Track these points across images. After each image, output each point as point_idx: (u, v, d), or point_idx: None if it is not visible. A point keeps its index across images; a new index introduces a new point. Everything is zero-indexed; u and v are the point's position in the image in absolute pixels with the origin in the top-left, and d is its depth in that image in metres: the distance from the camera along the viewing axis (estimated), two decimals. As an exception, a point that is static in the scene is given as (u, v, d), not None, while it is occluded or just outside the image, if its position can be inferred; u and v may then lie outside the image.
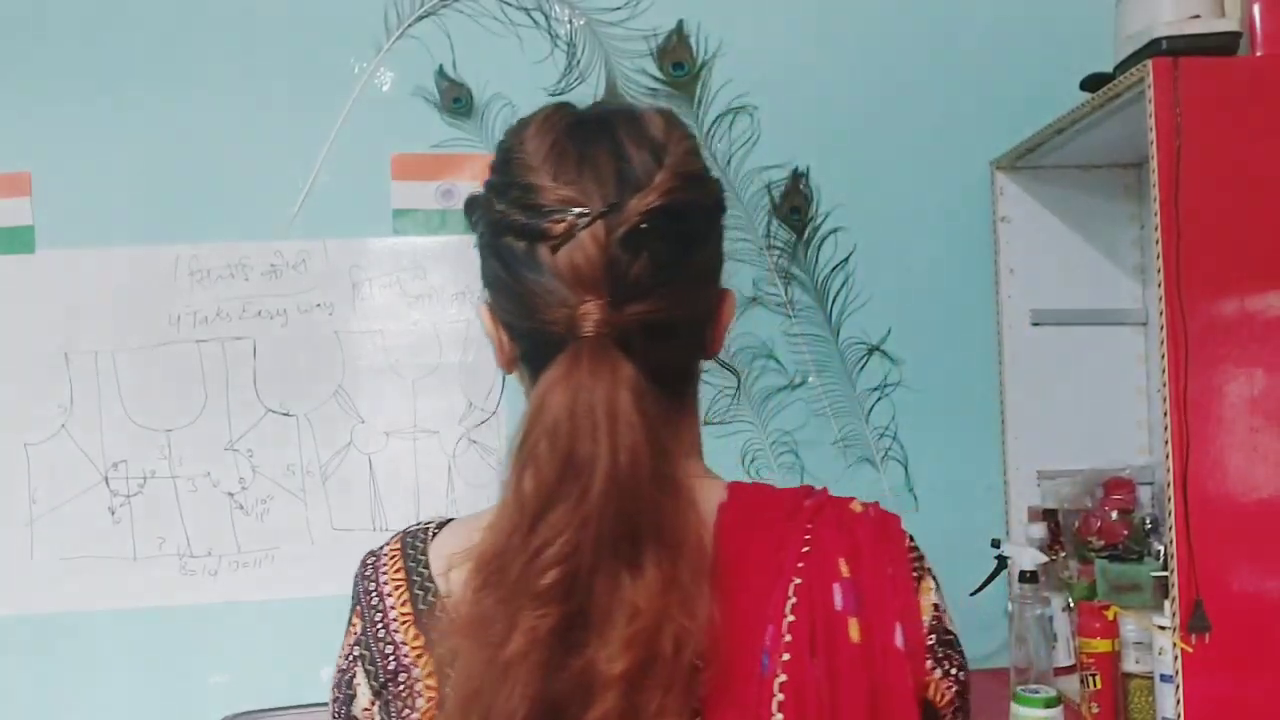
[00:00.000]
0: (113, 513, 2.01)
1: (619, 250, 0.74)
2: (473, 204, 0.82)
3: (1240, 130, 1.47)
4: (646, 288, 0.75)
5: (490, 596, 0.71)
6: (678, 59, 2.10)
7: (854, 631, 0.75)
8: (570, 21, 2.10)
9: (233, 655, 2.01)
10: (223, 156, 2.05)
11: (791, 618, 0.74)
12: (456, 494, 2.06)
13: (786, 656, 0.73)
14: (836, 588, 0.76)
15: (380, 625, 0.81)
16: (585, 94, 2.08)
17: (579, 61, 2.09)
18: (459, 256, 2.07)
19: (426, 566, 0.81)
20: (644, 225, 0.74)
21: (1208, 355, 1.43)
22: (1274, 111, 1.48)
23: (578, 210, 0.74)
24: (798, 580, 0.76)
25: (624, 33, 2.10)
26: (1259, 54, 1.54)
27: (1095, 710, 1.69)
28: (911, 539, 0.82)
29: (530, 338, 0.79)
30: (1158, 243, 1.45)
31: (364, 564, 0.86)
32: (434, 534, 0.84)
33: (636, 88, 2.10)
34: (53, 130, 2.03)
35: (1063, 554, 1.92)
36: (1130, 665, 1.67)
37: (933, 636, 0.79)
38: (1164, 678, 1.52)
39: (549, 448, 0.72)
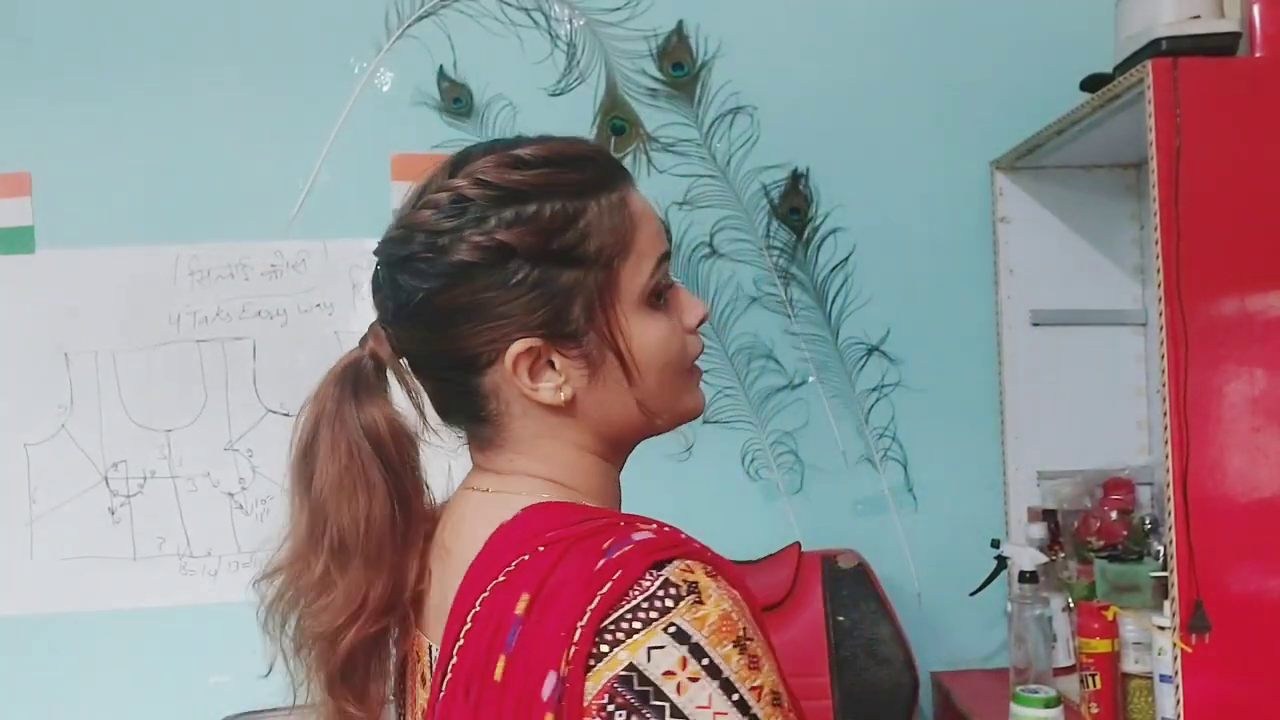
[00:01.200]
0: (112, 513, 2.01)
1: (387, 286, 1.00)
2: None
3: (1240, 130, 1.47)
4: (398, 317, 1.01)
5: None
6: (677, 59, 2.10)
7: (498, 671, 0.71)
8: (570, 22, 2.10)
9: (233, 655, 2.00)
10: (223, 157, 2.05)
11: (461, 644, 0.75)
12: (456, 494, 2.05)
13: (443, 691, 0.76)
14: (513, 625, 0.72)
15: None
16: (585, 94, 2.09)
17: (579, 62, 2.10)
18: (459, 257, 2.07)
19: None
20: (379, 270, 1.01)
21: (1207, 355, 1.43)
22: (1274, 112, 1.48)
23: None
24: (476, 609, 0.75)
25: (624, 33, 2.10)
26: (1259, 54, 1.54)
27: (1095, 710, 1.69)
28: (670, 590, 0.70)
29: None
30: (1157, 243, 1.45)
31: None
32: None
33: (636, 88, 2.10)
34: (53, 130, 2.03)
35: (1062, 554, 1.93)
36: (1130, 665, 1.67)
37: (617, 697, 0.68)
38: (1163, 678, 1.52)
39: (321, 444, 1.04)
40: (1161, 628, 1.51)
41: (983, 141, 2.07)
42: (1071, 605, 1.84)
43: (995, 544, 1.93)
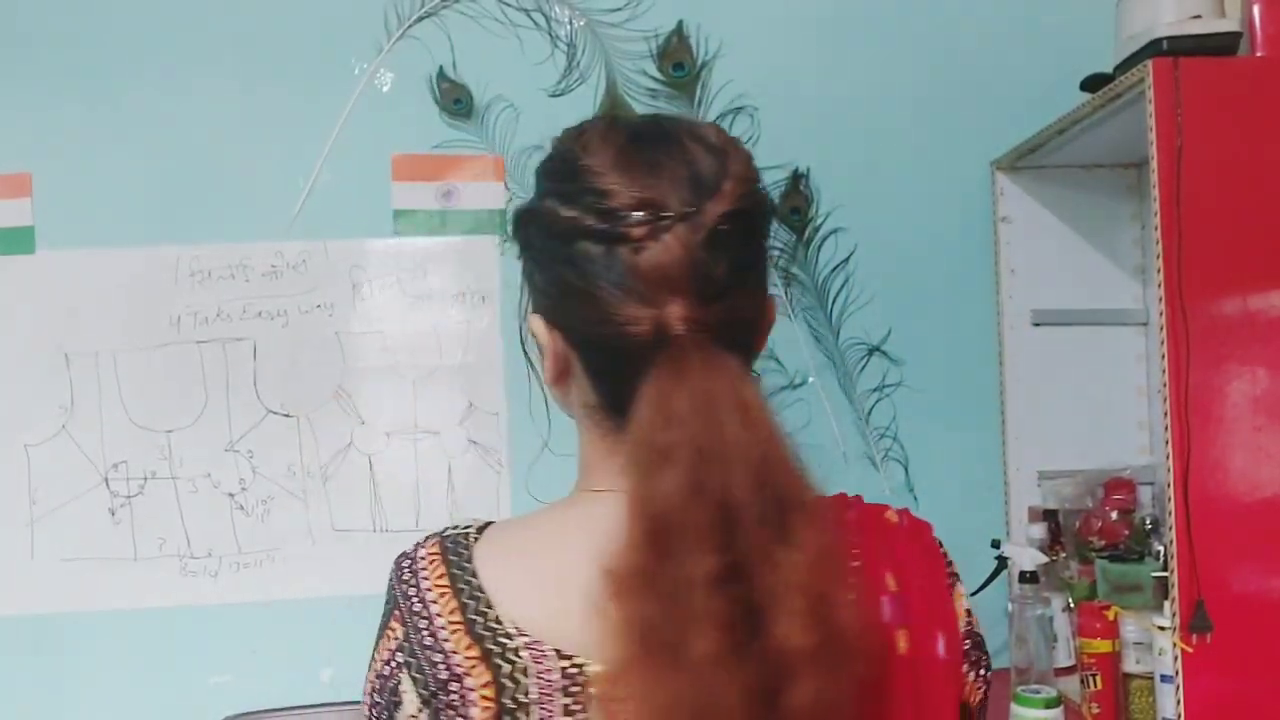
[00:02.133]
0: (113, 513, 2.01)
1: (702, 252, 0.75)
2: (530, 214, 0.82)
3: (1241, 130, 1.47)
4: (725, 289, 0.76)
5: (644, 602, 0.70)
6: (678, 60, 2.10)
7: (902, 643, 0.79)
8: (570, 22, 2.10)
9: (233, 655, 2.01)
10: (223, 157, 2.05)
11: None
12: (457, 495, 2.06)
13: None
14: (885, 600, 0.80)
15: (426, 632, 0.79)
16: (586, 95, 2.09)
17: (579, 62, 2.10)
18: (459, 257, 2.07)
19: (474, 574, 0.80)
20: (723, 228, 0.76)
21: (1208, 355, 1.43)
22: (1274, 112, 1.48)
23: (660, 213, 0.75)
24: (850, 596, 0.76)
25: (624, 34, 2.10)
26: (1259, 54, 1.54)
27: (1095, 710, 1.69)
28: (942, 546, 0.86)
29: (601, 344, 0.78)
30: (1158, 243, 1.45)
31: (399, 567, 0.84)
32: (475, 538, 0.83)
33: (637, 88, 2.10)
34: (53, 131, 2.03)
35: (1063, 554, 1.92)
36: (1131, 665, 1.67)
37: (968, 641, 0.84)
38: (1164, 678, 1.51)
39: (686, 443, 0.72)
40: (1162, 628, 1.51)
41: (983, 141, 2.07)
42: (1072, 605, 1.84)
43: (996, 544, 1.93)
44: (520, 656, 0.76)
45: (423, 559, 0.82)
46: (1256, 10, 1.54)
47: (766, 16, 2.11)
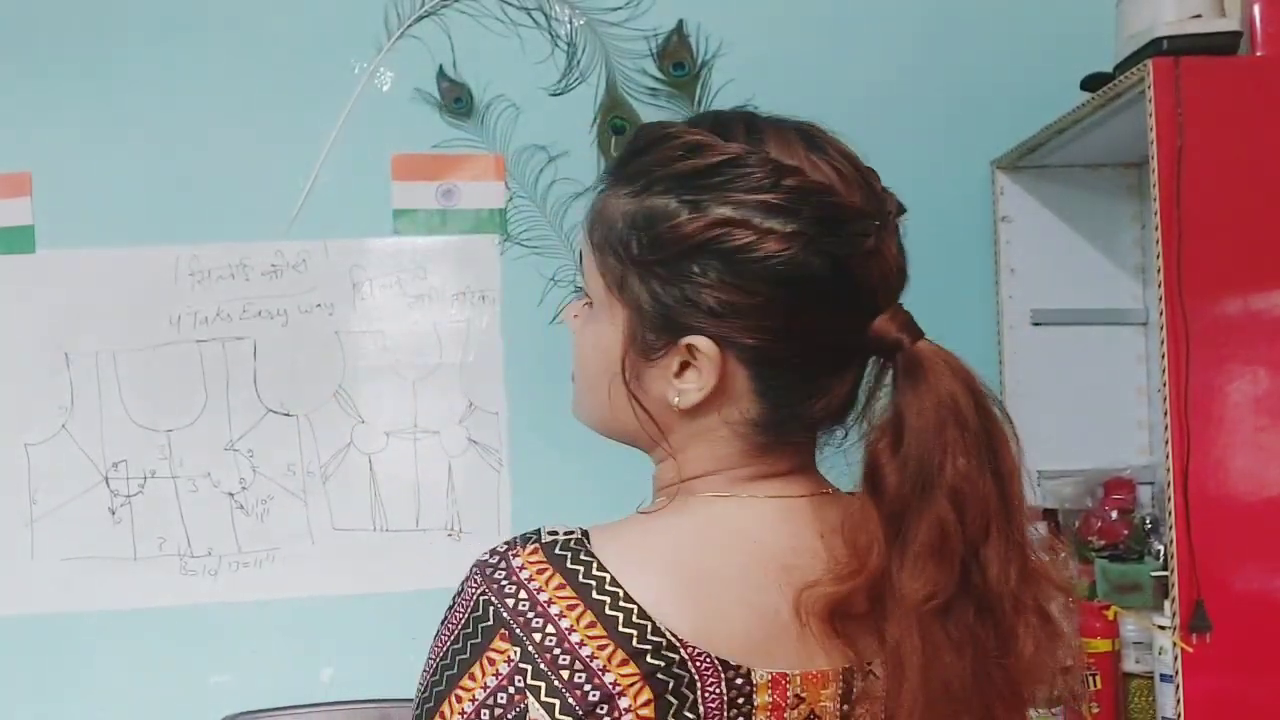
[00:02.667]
0: (113, 513, 2.01)
1: (901, 256, 0.77)
2: (699, 229, 0.74)
3: (1241, 130, 1.47)
4: (901, 291, 0.79)
5: (934, 598, 0.71)
6: (678, 59, 2.10)
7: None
8: (571, 21, 2.10)
9: (233, 655, 2.01)
10: (223, 157, 2.05)
11: None
12: (457, 494, 2.06)
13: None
14: None
15: (559, 650, 0.69)
16: (586, 94, 2.09)
17: (579, 62, 2.09)
18: (459, 257, 2.07)
19: (614, 583, 0.71)
20: (900, 230, 0.77)
21: (1208, 355, 1.43)
22: (1275, 111, 1.48)
23: (875, 221, 0.75)
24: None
25: (624, 33, 2.09)
26: (1259, 54, 1.54)
27: (1095, 710, 1.69)
28: None
29: (795, 359, 0.76)
30: (1158, 242, 1.45)
31: (492, 579, 0.73)
32: (589, 545, 0.74)
33: (637, 88, 2.09)
34: (53, 130, 2.03)
35: (1063, 554, 1.92)
36: (1130, 665, 1.67)
37: None
38: (1164, 678, 1.52)
39: (965, 438, 0.73)
40: (1162, 627, 1.51)
41: (984, 141, 2.07)
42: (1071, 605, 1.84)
43: (996, 544, 1.93)
44: (687, 670, 0.69)
45: (524, 568, 0.73)
46: (1257, 10, 1.54)
47: (766, 16, 2.11)
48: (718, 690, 0.70)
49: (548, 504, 2.04)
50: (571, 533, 0.75)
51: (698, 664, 0.70)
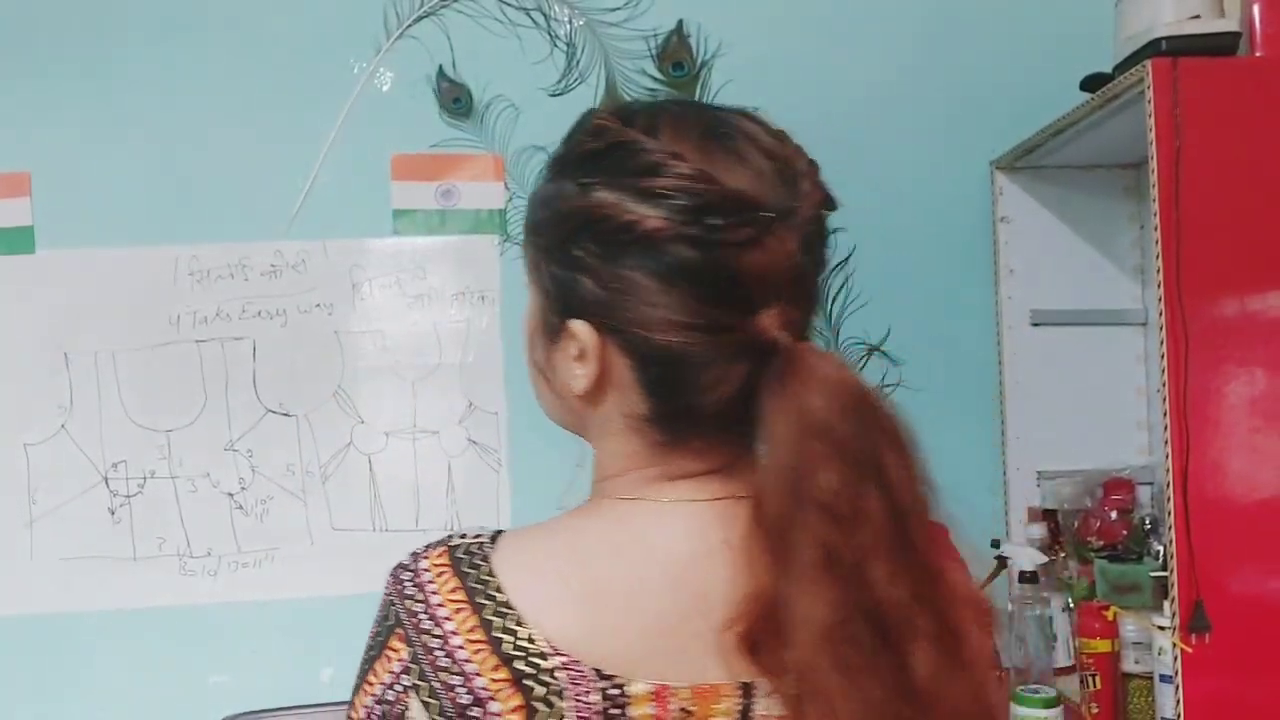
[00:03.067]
0: (112, 513, 2.01)
1: (800, 254, 0.73)
2: (571, 208, 0.75)
3: (1240, 130, 1.47)
4: (808, 293, 0.75)
5: (834, 619, 0.67)
6: (677, 59, 2.10)
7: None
8: (570, 22, 2.10)
9: (233, 655, 2.01)
10: (223, 157, 2.05)
11: None
12: (456, 494, 2.06)
13: None
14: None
15: (440, 652, 0.71)
16: (585, 94, 2.09)
17: (579, 62, 2.09)
18: (459, 257, 2.07)
19: (498, 588, 0.72)
20: (812, 229, 0.74)
21: (1208, 355, 1.43)
22: (1274, 112, 1.48)
23: (761, 213, 0.71)
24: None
25: (624, 33, 2.10)
26: (1259, 54, 1.54)
27: (1095, 710, 1.69)
28: None
29: (670, 352, 0.73)
30: (1157, 243, 1.45)
31: (398, 580, 0.75)
32: (489, 548, 0.75)
33: (636, 88, 2.09)
34: (53, 130, 2.03)
35: (1062, 554, 1.92)
36: (1130, 665, 1.67)
37: None
38: (1164, 678, 1.52)
39: (832, 451, 0.69)
40: (1161, 628, 1.51)
41: (983, 141, 2.07)
42: (1071, 605, 1.84)
43: (995, 544, 1.93)
44: (555, 678, 0.70)
45: (427, 570, 0.74)
46: (1256, 10, 1.54)
47: (766, 16, 2.11)
48: (589, 700, 0.70)
49: (547, 504, 2.03)
50: (480, 536, 0.77)
51: (569, 672, 0.70)
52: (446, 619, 0.72)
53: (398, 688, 0.72)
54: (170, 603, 2.01)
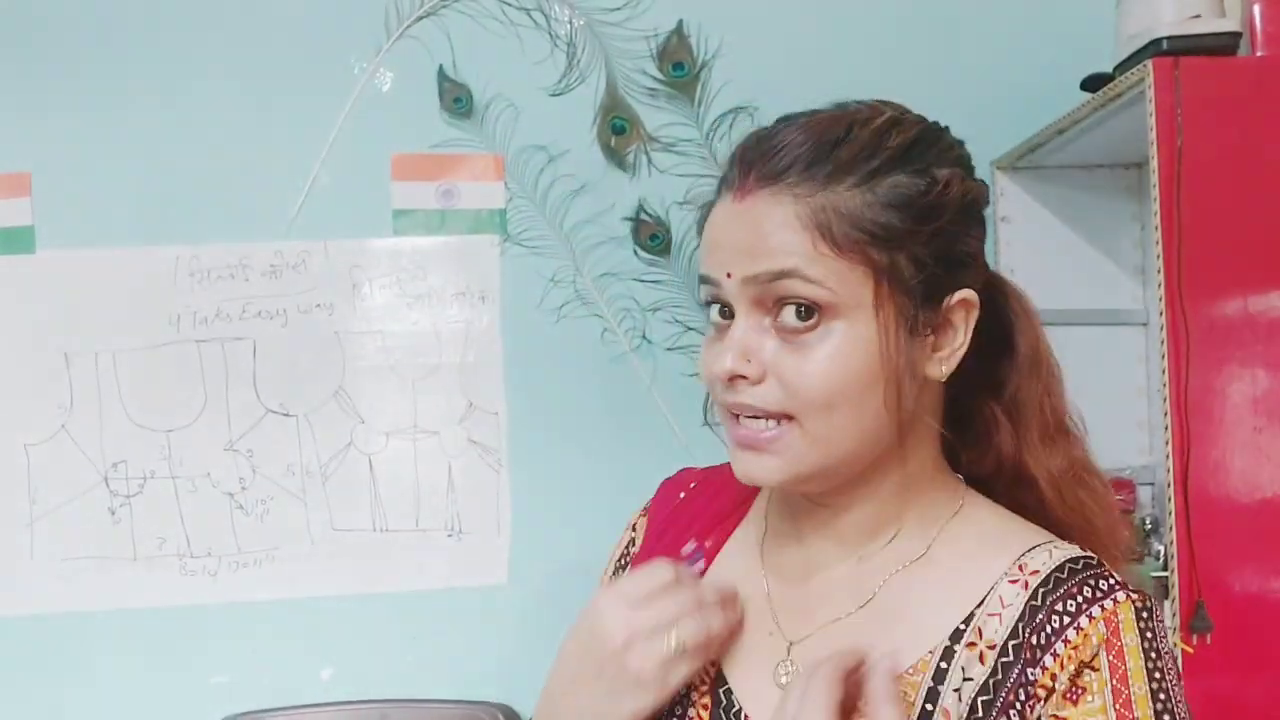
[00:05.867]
0: (113, 513, 2.01)
1: None
2: (967, 194, 0.82)
3: (1241, 130, 1.47)
4: None
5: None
6: (678, 59, 2.09)
7: None
8: (570, 22, 2.10)
9: (233, 655, 2.01)
10: (223, 157, 2.04)
11: None
12: (456, 494, 2.05)
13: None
14: None
15: None
16: (586, 94, 2.09)
17: (579, 62, 2.09)
18: (459, 257, 2.07)
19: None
20: None
21: (1208, 355, 1.43)
22: (1274, 112, 1.48)
23: None
24: None
25: (624, 33, 2.09)
26: (1259, 54, 1.54)
27: (1096, 711, 1.69)
28: None
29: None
30: (1158, 243, 1.45)
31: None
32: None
33: (637, 88, 2.09)
34: (53, 130, 2.03)
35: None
36: (1131, 666, 1.67)
37: None
38: (1164, 678, 1.51)
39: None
40: (1162, 628, 1.51)
41: (983, 141, 2.04)
42: (1072, 605, 1.84)
43: (996, 544, 1.93)
44: None
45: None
46: (1256, 10, 1.54)
47: (766, 16, 2.11)
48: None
49: (548, 504, 2.04)
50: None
51: None
52: None
53: None
54: (170, 603, 2.01)
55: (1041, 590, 0.77)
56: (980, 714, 0.74)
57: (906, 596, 0.80)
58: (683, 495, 0.97)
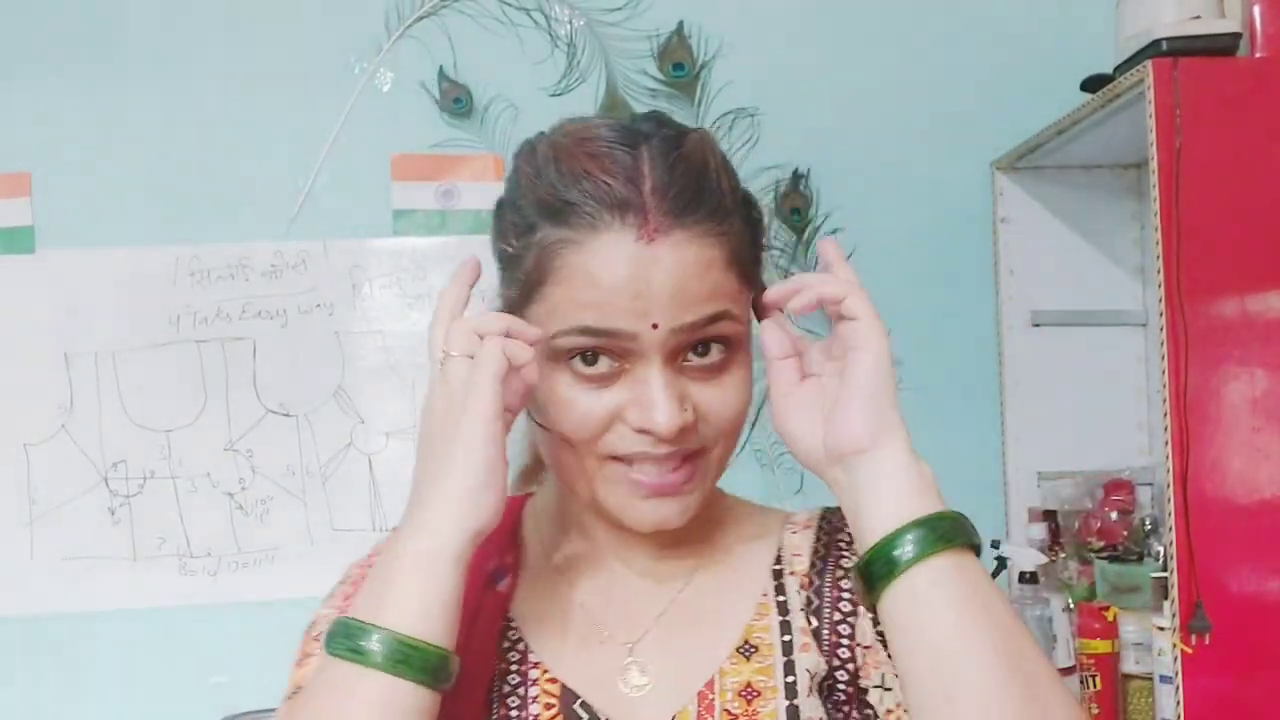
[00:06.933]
0: (112, 513, 2.01)
1: None
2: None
3: (1240, 131, 1.47)
4: None
5: None
6: (678, 60, 2.09)
7: None
8: (570, 22, 2.10)
9: (233, 655, 2.01)
10: (223, 157, 2.04)
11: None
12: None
13: None
14: None
15: None
16: (586, 95, 2.09)
17: (579, 62, 2.09)
18: (459, 257, 2.05)
19: None
20: None
21: (1207, 356, 1.43)
22: (1274, 112, 1.48)
23: None
24: None
25: (624, 33, 2.09)
26: (1259, 55, 1.54)
27: (1095, 711, 1.69)
28: None
29: None
30: (1158, 243, 1.45)
31: None
32: None
33: (637, 88, 2.09)
34: (53, 130, 2.03)
35: (1062, 555, 1.92)
36: (1130, 666, 1.67)
37: None
38: (1163, 679, 1.52)
39: None
40: (1161, 628, 1.51)
41: (983, 142, 2.07)
42: (1071, 606, 1.84)
43: (995, 544, 1.93)
44: None
45: None
46: (1256, 10, 1.54)
47: (766, 16, 2.11)
48: None
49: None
50: None
51: None
52: None
53: None
54: (170, 603, 2.01)
55: (821, 526, 0.86)
56: (817, 623, 0.80)
57: (716, 572, 0.84)
58: None
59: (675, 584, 0.83)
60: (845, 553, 0.83)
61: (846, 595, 0.81)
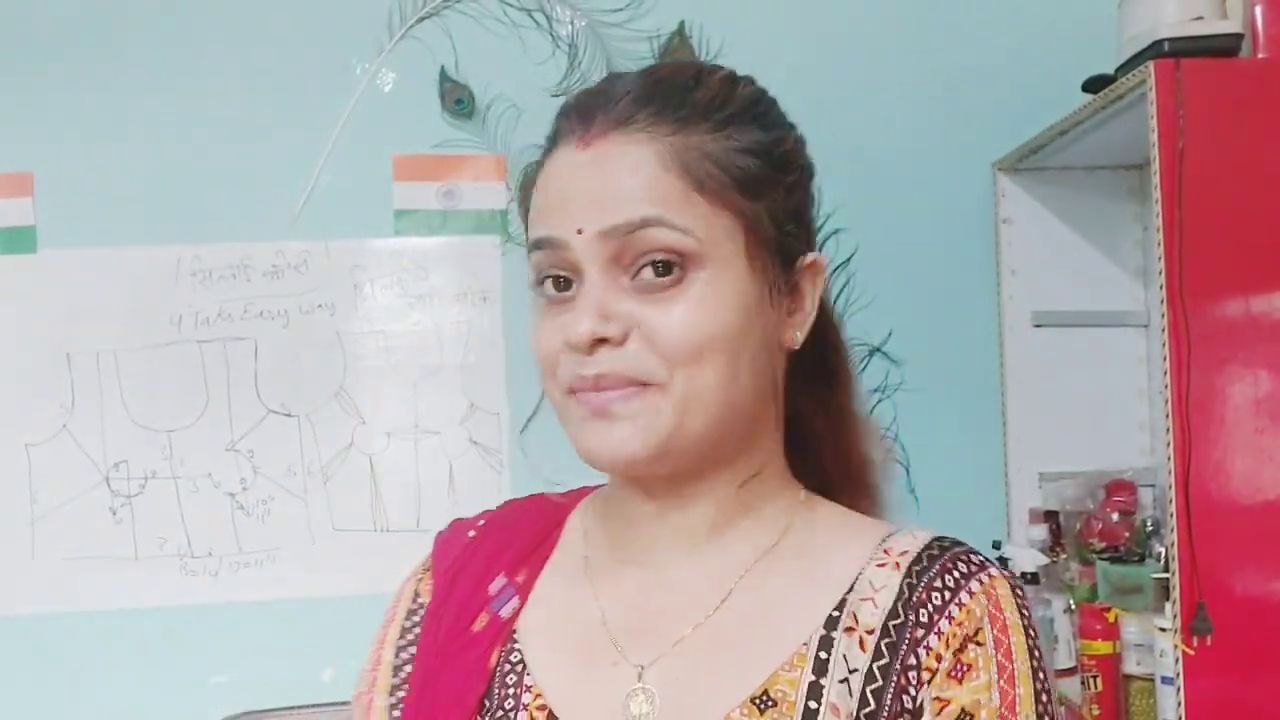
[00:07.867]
0: (114, 513, 2.01)
1: None
2: (799, 141, 0.87)
3: (1242, 132, 1.47)
4: None
5: None
6: (679, 60, 2.09)
7: None
8: (572, 23, 2.10)
9: (233, 655, 2.01)
10: (224, 157, 2.05)
11: None
12: (457, 495, 2.06)
13: None
14: None
15: None
16: (587, 95, 2.08)
17: (581, 63, 2.09)
18: (460, 257, 2.07)
19: None
20: None
21: (1209, 357, 1.43)
22: (1276, 113, 1.48)
23: None
24: None
25: (626, 34, 2.09)
26: (1261, 55, 1.54)
27: (1096, 712, 1.69)
28: None
29: None
30: (1160, 244, 1.45)
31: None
32: None
33: (638, 89, 2.09)
34: (54, 130, 2.03)
35: (1064, 556, 1.92)
36: (1131, 667, 1.67)
37: None
38: (1165, 680, 1.51)
39: None
40: (1163, 629, 1.51)
41: (985, 142, 2.07)
42: (1073, 607, 1.84)
43: (997, 545, 1.93)
44: None
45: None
46: (1258, 11, 1.54)
47: (767, 17, 2.11)
48: None
49: (548, 505, 2.04)
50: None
51: None
52: None
53: None
54: (171, 603, 2.01)
55: (915, 569, 0.72)
56: (873, 705, 0.68)
57: (763, 594, 0.73)
58: (472, 534, 0.90)
59: (711, 600, 0.74)
60: (930, 625, 0.70)
61: (914, 673, 0.69)
